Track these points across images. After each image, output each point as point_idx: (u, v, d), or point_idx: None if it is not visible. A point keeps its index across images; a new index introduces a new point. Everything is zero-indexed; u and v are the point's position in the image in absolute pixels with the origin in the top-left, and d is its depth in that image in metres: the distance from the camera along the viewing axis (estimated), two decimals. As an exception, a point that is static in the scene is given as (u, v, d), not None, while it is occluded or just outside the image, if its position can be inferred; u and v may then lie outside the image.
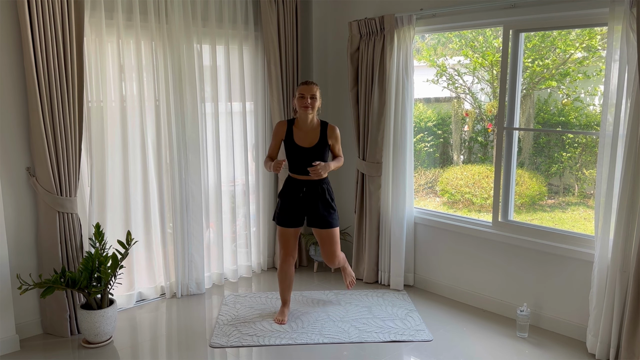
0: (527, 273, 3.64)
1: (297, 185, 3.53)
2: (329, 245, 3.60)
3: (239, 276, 4.57)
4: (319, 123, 3.54)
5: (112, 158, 3.73)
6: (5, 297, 3.25)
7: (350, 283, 3.93)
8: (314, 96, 3.44)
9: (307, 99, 3.43)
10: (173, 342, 3.47)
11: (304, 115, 3.47)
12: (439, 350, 3.30)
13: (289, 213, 3.55)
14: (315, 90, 3.45)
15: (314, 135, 3.50)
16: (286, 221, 3.57)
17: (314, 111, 3.48)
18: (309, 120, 3.49)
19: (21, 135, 3.31)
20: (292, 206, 3.54)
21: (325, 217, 3.53)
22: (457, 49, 5.04)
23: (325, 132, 3.52)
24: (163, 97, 3.89)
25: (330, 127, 3.54)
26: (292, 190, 3.55)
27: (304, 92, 3.44)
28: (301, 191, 3.51)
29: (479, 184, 4.93)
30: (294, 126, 3.54)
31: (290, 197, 3.55)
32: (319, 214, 3.53)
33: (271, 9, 4.28)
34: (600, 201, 3.14)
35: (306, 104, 3.43)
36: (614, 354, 3.09)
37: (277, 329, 3.55)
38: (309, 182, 3.51)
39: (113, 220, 3.78)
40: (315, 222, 3.56)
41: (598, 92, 4.22)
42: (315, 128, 3.52)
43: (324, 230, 3.56)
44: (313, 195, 3.51)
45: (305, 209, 3.55)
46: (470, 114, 5.07)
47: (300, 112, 3.47)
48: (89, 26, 3.50)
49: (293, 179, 3.55)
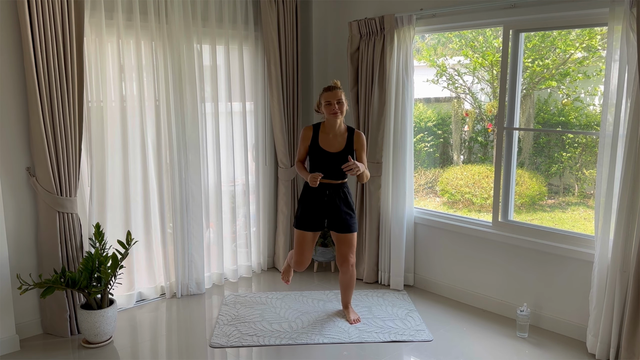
0: (527, 273, 3.64)
1: (320, 189, 3.50)
2: (346, 248, 3.58)
3: (239, 276, 4.57)
4: (346, 129, 3.52)
5: (112, 158, 3.73)
6: (5, 297, 3.25)
7: (355, 321, 3.67)
8: (340, 101, 3.40)
9: (334, 105, 3.39)
10: (173, 342, 3.48)
11: (332, 121, 3.46)
12: (439, 350, 3.30)
13: (311, 217, 3.53)
14: (340, 95, 3.41)
15: (341, 140, 3.49)
16: (307, 225, 3.54)
17: (342, 116, 3.46)
18: (337, 126, 3.48)
19: (21, 135, 3.31)
20: (314, 210, 3.52)
21: (347, 221, 3.53)
22: (457, 49, 5.04)
23: (352, 138, 3.50)
24: (163, 97, 3.89)
25: (357, 133, 3.52)
26: (314, 195, 3.52)
27: (330, 98, 3.40)
28: (325, 195, 3.50)
29: (479, 184, 4.93)
30: (320, 131, 3.53)
31: (312, 201, 3.52)
32: (341, 218, 3.52)
33: (271, 9, 4.28)
34: (600, 201, 3.14)
35: (334, 110, 3.39)
36: (614, 354, 3.09)
37: (277, 329, 3.55)
38: (332, 185, 3.50)
39: (113, 220, 3.78)
40: (336, 226, 3.54)
41: (598, 92, 4.22)
42: (343, 133, 3.50)
43: (344, 234, 3.55)
44: (336, 198, 3.51)
45: (327, 213, 3.54)
46: (470, 114, 5.07)
47: (328, 118, 3.45)
48: (89, 26, 3.50)
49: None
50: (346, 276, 3.64)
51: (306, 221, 3.55)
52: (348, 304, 3.75)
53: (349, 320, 3.67)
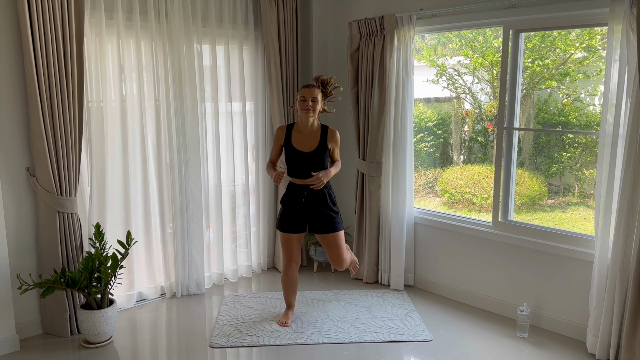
0: (527, 273, 3.64)
1: (298, 190, 3.48)
2: (335, 250, 3.53)
3: (239, 276, 4.57)
4: (319, 127, 3.50)
5: (112, 158, 3.73)
6: (5, 297, 3.25)
7: (354, 268, 3.78)
8: (315, 99, 3.40)
9: (308, 101, 3.38)
10: (173, 342, 3.47)
11: (304, 119, 3.43)
12: (438, 350, 3.30)
13: (291, 219, 3.50)
14: (316, 93, 3.41)
15: (314, 139, 3.45)
16: (288, 227, 3.52)
17: (315, 114, 3.43)
18: (309, 124, 3.45)
19: (21, 135, 3.31)
20: (294, 212, 3.49)
21: (328, 222, 3.48)
22: (457, 49, 5.04)
23: (325, 136, 3.47)
24: (163, 97, 3.89)
25: (330, 131, 3.49)
26: (293, 196, 3.49)
27: (306, 94, 3.39)
28: (302, 197, 3.46)
29: (479, 184, 4.93)
30: (293, 130, 3.49)
31: (291, 203, 3.50)
32: (321, 220, 3.47)
33: (271, 9, 4.28)
34: (600, 201, 3.14)
35: (307, 107, 3.38)
36: (614, 354, 3.09)
37: (277, 329, 3.55)
38: (309, 187, 3.45)
39: (113, 220, 3.78)
40: (318, 227, 3.50)
41: (598, 92, 4.22)
42: (316, 132, 3.47)
43: (328, 235, 3.50)
44: (314, 200, 3.46)
45: (307, 215, 3.49)
46: (470, 114, 5.07)
47: (301, 115, 3.43)
48: (89, 26, 3.50)
49: (294, 185, 3.51)
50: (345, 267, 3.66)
51: (287, 223, 3.51)
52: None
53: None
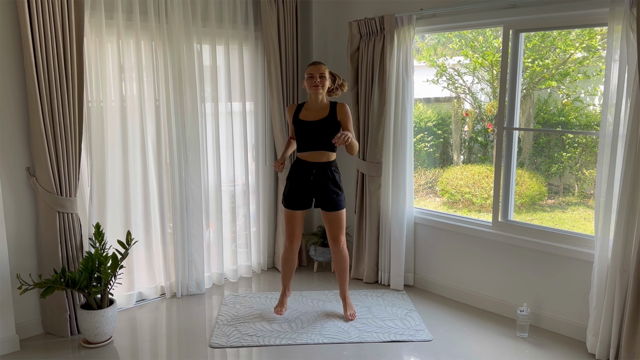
0: (527, 273, 3.64)
1: (307, 167, 3.53)
2: (336, 228, 3.61)
3: (239, 276, 4.57)
4: (329, 103, 3.54)
5: (112, 158, 3.73)
6: (5, 297, 3.25)
7: (351, 315, 3.70)
8: (323, 75, 3.45)
9: (316, 78, 3.43)
10: (173, 342, 3.48)
11: (314, 96, 3.48)
12: (438, 350, 3.30)
13: (298, 195, 3.56)
14: (323, 70, 3.46)
15: (323, 112, 3.50)
16: (295, 203, 3.58)
17: (324, 90, 3.48)
18: (318, 101, 3.50)
19: (21, 135, 3.31)
20: (301, 189, 3.55)
21: (334, 199, 3.55)
22: (457, 49, 5.04)
23: (334, 109, 3.50)
24: (163, 97, 3.89)
25: (339, 104, 3.51)
26: (301, 173, 3.54)
27: (313, 71, 3.45)
28: (311, 174, 3.51)
29: (479, 184, 4.92)
30: (303, 108, 3.56)
31: (299, 179, 3.55)
32: (328, 197, 3.53)
33: (271, 9, 4.28)
34: (600, 201, 3.14)
35: (316, 83, 3.43)
36: (614, 354, 3.09)
37: (277, 329, 3.55)
38: (319, 164, 3.51)
39: (113, 220, 3.78)
40: (324, 204, 3.56)
41: (598, 92, 4.22)
42: (325, 107, 3.52)
43: (332, 212, 3.57)
44: (323, 177, 3.52)
45: (314, 191, 3.56)
46: (470, 114, 5.07)
47: (310, 92, 3.48)
48: (89, 26, 3.50)
49: (302, 162, 3.55)
50: (338, 257, 3.68)
51: (293, 200, 3.58)
52: (345, 293, 3.76)
53: (345, 316, 3.69)
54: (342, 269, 3.72)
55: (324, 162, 3.53)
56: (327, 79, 3.49)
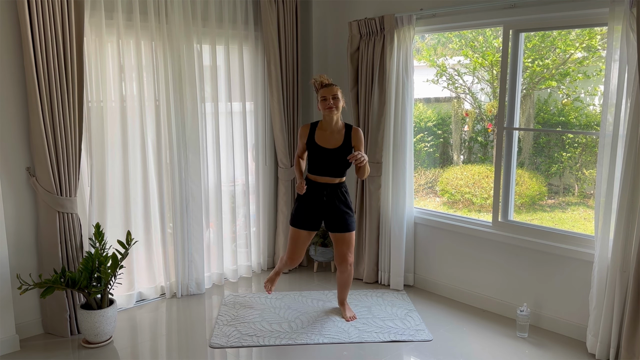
0: (527, 273, 3.64)
1: (318, 188, 3.51)
2: (345, 248, 3.59)
3: (239, 276, 4.57)
4: (344, 125, 3.53)
5: (112, 158, 3.73)
6: (5, 297, 3.25)
7: (351, 318, 3.71)
8: (336, 96, 3.44)
9: (329, 100, 3.42)
10: (173, 342, 3.47)
11: (328, 117, 3.47)
12: (438, 350, 3.30)
13: (308, 216, 3.55)
14: (336, 91, 3.44)
15: (339, 137, 3.49)
16: (303, 224, 3.56)
17: (338, 111, 3.47)
18: (333, 122, 3.48)
19: (21, 135, 3.31)
20: (312, 209, 3.54)
21: (346, 221, 3.54)
22: (457, 49, 5.04)
23: (349, 134, 3.50)
24: (163, 97, 3.89)
25: (355, 129, 3.52)
26: (312, 194, 3.52)
27: (326, 94, 3.43)
28: (323, 195, 3.51)
29: (479, 184, 4.92)
30: (317, 128, 3.54)
31: (310, 200, 3.53)
32: (340, 218, 3.53)
33: (271, 9, 4.28)
34: (600, 201, 3.13)
35: (330, 105, 3.42)
36: (614, 354, 3.09)
37: (277, 329, 3.55)
38: (330, 186, 3.51)
39: (113, 220, 3.78)
40: (335, 226, 3.55)
41: (598, 92, 4.22)
42: (340, 130, 3.51)
43: (344, 234, 3.56)
44: (334, 198, 3.51)
45: (324, 213, 3.55)
46: (470, 114, 5.07)
47: (324, 114, 3.47)
48: (89, 26, 3.50)
49: (313, 183, 3.53)
50: (344, 275, 3.67)
51: (302, 220, 3.56)
52: (344, 301, 3.78)
53: (345, 317, 3.70)
54: (345, 284, 3.72)
55: (335, 183, 3.53)
56: (341, 99, 3.47)
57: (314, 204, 3.53)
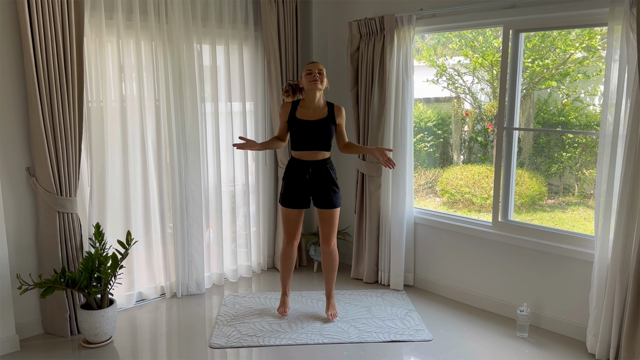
0: (527, 273, 3.64)
1: (303, 166, 3.54)
2: (329, 226, 3.61)
3: (239, 276, 4.57)
4: (326, 104, 3.56)
5: (112, 158, 3.73)
6: (5, 297, 3.25)
7: (332, 315, 3.69)
8: (321, 72, 3.48)
9: (314, 73, 3.45)
10: (173, 342, 3.48)
11: (311, 93, 3.48)
12: (438, 350, 3.30)
13: (295, 194, 3.57)
14: (321, 67, 3.49)
15: (321, 112, 3.52)
16: (292, 202, 3.58)
17: (322, 86, 3.49)
18: (316, 99, 3.50)
19: (21, 135, 3.31)
20: (298, 187, 3.56)
21: (330, 197, 3.56)
22: (457, 49, 5.04)
23: (332, 110, 3.53)
24: (163, 97, 3.89)
25: (337, 106, 3.56)
26: (297, 172, 3.55)
27: (311, 67, 3.47)
28: (307, 172, 3.53)
29: (479, 184, 4.92)
30: (298, 106, 3.55)
31: (296, 178, 3.56)
32: (325, 194, 3.55)
33: (271, 9, 4.28)
34: (600, 201, 3.14)
35: (315, 78, 3.44)
36: (614, 354, 3.09)
37: (277, 330, 3.55)
38: (314, 162, 3.52)
39: (113, 220, 3.78)
40: (321, 201, 3.57)
41: (598, 92, 4.22)
42: (322, 107, 3.54)
43: (328, 210, 3.58)
44: (319, 175, 3.53)
45: (311, 190, 3.57)
46: (470, 114, 5.07)
47: (308, 88, 3.47)
48: (89, 26, 3.50)
49: (297, 161, 3.56)
50: (328, 257, 3.68)
51: (290, 198, 3.59)
52: (331, 292, 3.75)
53: (326, 315, 3.70)
54: (331, 268, 3.71)
55: (319, 160, 3.54)
56: (325, 76, 3.51)
57: (300, 182, 3.55)
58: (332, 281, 3.74)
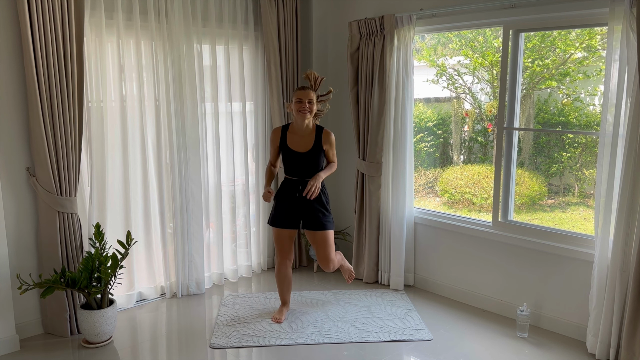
0: (527, 273, 3.64)
1: (293, 185, 3.53)
2: (323, 249, 3.57)
3: (239, 276, 4.57)
4: (314, 127, 3.54)
5: (112, 158, 3.73)
6: (5, 297, 3.25)
7: (350, 277, 3.85)
8: (311, 101, 3.45)
9: (304, 103, 3.43)
10: (173, 342, 3.47)
11: (300, 120, 3.48)
12: (438, 350, 3.30)
13: (284, 214, 3.55)
14: (312, 95, 3.45)
15: (309, 140, 3.51)
16: (281, 222, 3.56)
17: (311, 115, 3.48)
18: (304, 125, 3.50)
19: (21, 135, 3.31)
20: (287, 207, 3.54)
21: (320, 219, 3.52)
22: (457, 49, 5.04)
23: (320, 137, 3.52)
24: (163, 97, 3.89)
25: (325, 132, 3.54)
26: (287, 191, 3.55)
27: (302, 97, 3.43)
28: (297, 190, 3.51)
29: (479, 184, 4.92)
30: (288, 131, 3.55)
31: (285, 198, 3.54)
32: (313, 216, 3.51)
33: (271, 9, 4.28)
34: (600, 201, 3.14)
35: (304, 109, 3.42)
36: (614, 354, 3.09)
37: (277, 329, 3.55)
38: (305, 182, 3.50)
39: (113, 220, 3.78)
40: (309, 224, 3.54)
41: (598, 92, 4.22)
42: (311, 133, 3.52)
43: (318, 232, 3.54)
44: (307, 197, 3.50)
45: (300, 211, 3.53)
46: (470, 114, 5.07)
47: (297, 116, 3.48)
48: (89, 26, 3.50)
49: (289, 180, 3.56)
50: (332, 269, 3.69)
51: (279, 219, 3.57)
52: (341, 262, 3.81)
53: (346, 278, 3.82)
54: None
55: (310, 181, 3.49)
56: (315, 104, 3.48)
57: (290, 203, 3.53)
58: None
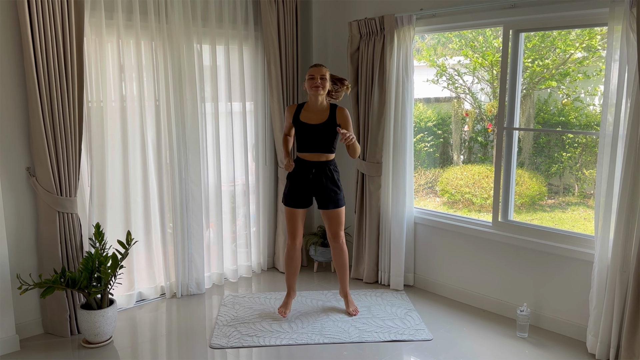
0: (527, 273, 3.64)
1: (307, 166, 3.59)
2: (336, 225, 3.68)
3: (239, 276, 4.57)
4: (329, 105, 3.60)
5: (112, 158, 3.73)
6: (5, 297, 3.25)
7: (354, 311, 3.78)
8: (324, 77, 3.51)
9: (317, 79, 3.49)
10: (173, 342, 3.47)
11: (314, 97, 3.54)
12: (438, 350, 3.30)
13: (298, 193, 3.63)
14: (324, 72, 3.52)
15: (323, 115, 3.56)
16: (295, 201, 3.64)
17: (324, 91, 3.53)
18: (319, 102, 3.55)
19: (21, 135, 3.31)
20: (301, 187, 3.61)
21: (333, 198, 3.61)
22: (457, 49, 5.03)
23: (334, 113, 3.56)
24: (163, 97, 3.89)
25: (339, 108, 3.59)
26: (301, 172, 3.61)
27: (314, 73, 3.50)
28: (310, 172, 3.58)
29: (479, 184, 4.92)
30: (303, 109, 3.62)
31: (299, 178, 3.61)
32: (327, 195, 3.60)
33: (271, 9, 4.28)
34: (600, 201, 3.14)
35: (317, 84, 3.48)
36: (614, 354, 3.09)
37: (277, 329, 3.55)
38: (318, 163, 3.58)
39: (113, 220, 3.78)
40: (323, 202, 3.63)
41: (598, 92, 4.22)
42: (325, 110, 3.57)
43: (331, 210, 3.64)
44: (322, 176, 3.58)
45: (314, 190, 3.62)
46: (470, 114, 5.07)
47: (310, 93, 3.54)
48: (89, 26, 3.50)
49: (302, 161, 3.62)
50: (338, 252, 3.76)
51: (293, 198, 3.64)
52: (346, 291, 3.83)
53: (348, 312, 3.76)
54: (342, 263, 3.77)
55: (323, 161, 3.59)
56: (328, 80, 3.55)
57: (303, 182, 3.61)
58: (345, 278, 3.82)
